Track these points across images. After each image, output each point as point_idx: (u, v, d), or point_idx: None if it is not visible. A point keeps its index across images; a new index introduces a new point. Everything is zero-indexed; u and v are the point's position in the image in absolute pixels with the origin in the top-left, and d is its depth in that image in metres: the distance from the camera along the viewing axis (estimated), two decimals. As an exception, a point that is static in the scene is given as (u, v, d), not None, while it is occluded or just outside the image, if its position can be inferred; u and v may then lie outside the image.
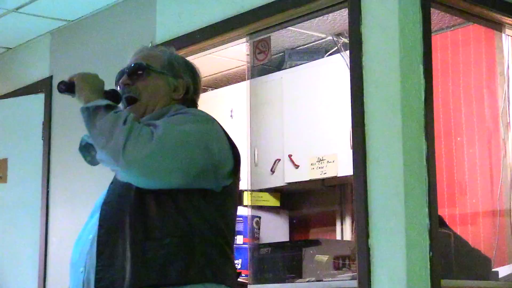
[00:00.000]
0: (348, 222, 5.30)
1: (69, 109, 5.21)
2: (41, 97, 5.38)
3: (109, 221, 2.24)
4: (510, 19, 4.05)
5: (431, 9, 3.56)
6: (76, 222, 5.03)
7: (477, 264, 3.89)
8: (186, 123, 2.25)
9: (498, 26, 4.15)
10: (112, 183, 2.34)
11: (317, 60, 5.16)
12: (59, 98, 5.29)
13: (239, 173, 2.37)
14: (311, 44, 5.24)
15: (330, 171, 4.90)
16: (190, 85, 2.48)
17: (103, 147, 2.17)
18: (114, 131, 2.14)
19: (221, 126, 2.38)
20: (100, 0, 4.87)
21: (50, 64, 5.41)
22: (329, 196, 5.42)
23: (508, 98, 4.23)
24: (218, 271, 2.21)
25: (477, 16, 4.00)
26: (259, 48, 4.22)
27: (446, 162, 4.54)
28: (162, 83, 2.42)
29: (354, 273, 3.56)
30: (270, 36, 4.20)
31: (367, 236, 3.35)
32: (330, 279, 3.79)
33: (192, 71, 2.51)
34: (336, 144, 4.83)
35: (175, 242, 2.16)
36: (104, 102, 2.23)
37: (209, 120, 2.35)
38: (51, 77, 5.36)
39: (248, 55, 4.29)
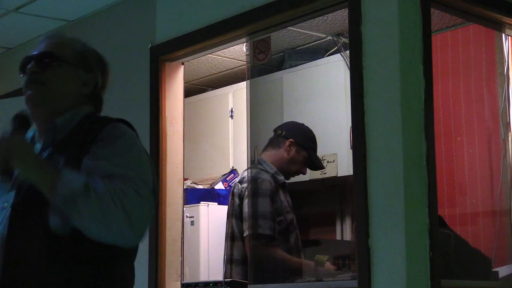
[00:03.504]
0: (348, 222, 5.31)
1: (69, 109, 5.21)
2: (41, 97, 5.38)
3: (16, 231, 2.09)
4: (510, 19, 4.05)
5: (431, 9, 3.56)
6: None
7: (477, 264, 3.89)
8: (133, 152, 2.13)
9: (498, 26, 4.15)
10: (19, 185, 2.12)
11: (317, 60, 5.17)
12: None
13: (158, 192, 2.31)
14: (311, 44, 5.25)
15: (330, 171, 4.91)
16: (99, 81, 2.32)
17: (105, 236, 2.01)
18: (108, 218, 1.96)
19: None
20: (100, 0, 4.87)
21: (50, 64, 5.40)
22: (329, 196, 5.42)
23: (508, 98, 4.23)
24: None
25: (477, 16, 4.00)
26: (259, 48, 4.22)
27: (446, 162, 4.54)
28: (72, 75, 2.26)
29: (354, 273, 3.55)
30: (270, 36, 4.20)
31: (367, 236, 3.35)
32: (330, 279, 3.79)
33: (103, 65, 2.36)
34: (336, 144, 4.84)
35: (92, 267, 2.06)
36: (78, 186, 1.97)
37: (136, 138, 2.21)
38: (51, 77, 5.36)
39: (248, 55, 4.29)
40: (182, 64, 4.60)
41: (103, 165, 2.05)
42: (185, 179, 4.66)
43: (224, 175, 5.61)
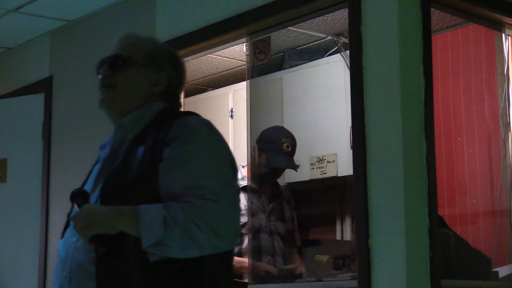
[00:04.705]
0: (348, 222, 5.30)
1: (69, 109, 5.21)
2: (41, 97, 5.38)
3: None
4: (510, 19, 4.05)
5: (431, 9, 3.56)
6: (76, 222, 5.04)
7: (477, 264, 3.89)
8: (204, 151, 2.14)
9: (498, 26, 4.15)
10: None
11: (317, 60, 5.17)
12: (59, 98, 5.29)
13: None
14: (311, 44, 5.24)
15: (330, 171, 4.91)
16: (173, 79, 2.35)
17: (200, 254, 2.07)
18: (198, 241, 2.02)
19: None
20: (100, 0, 4.87)
21: (50, 64, 5.41)
22: (329, 196, 5.42)
23: (508, 98, 4.23)
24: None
25: (477, 16, 4.00)
26: (259, 48, 4.22)
27: (446, 162, 4.54)
28: (143, 76, 2.31)
29: (354, 273, 3.55)
30: (270, 36, 4.20)
31: (367, 236, 3.35)
32: (330, 279, 3.79)
33: (176, 63, 2.39)
34: (336, 144, 4.84)
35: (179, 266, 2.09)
36: (160, 231, 2.01)
37: (213, 129, 2.23)
38: (51, 77, 5.36)
39: (248, 55, 4.29)
40: (182, 64, 4.60)
41: (177, 178, 2.08)
42: (185, 179, 4.65)
43: (224, 175, 5.60)
